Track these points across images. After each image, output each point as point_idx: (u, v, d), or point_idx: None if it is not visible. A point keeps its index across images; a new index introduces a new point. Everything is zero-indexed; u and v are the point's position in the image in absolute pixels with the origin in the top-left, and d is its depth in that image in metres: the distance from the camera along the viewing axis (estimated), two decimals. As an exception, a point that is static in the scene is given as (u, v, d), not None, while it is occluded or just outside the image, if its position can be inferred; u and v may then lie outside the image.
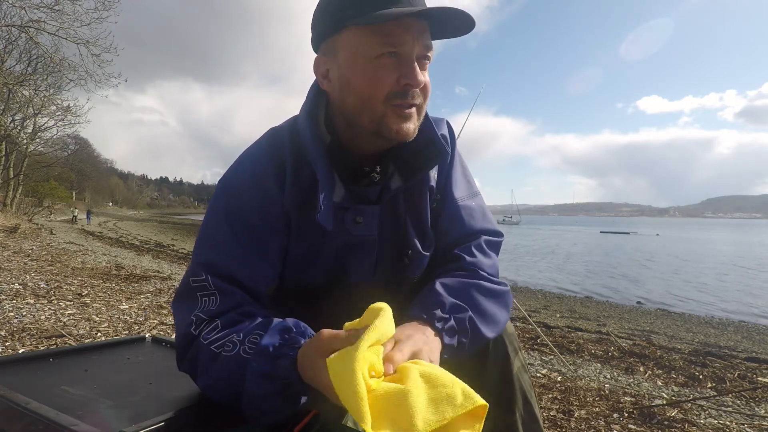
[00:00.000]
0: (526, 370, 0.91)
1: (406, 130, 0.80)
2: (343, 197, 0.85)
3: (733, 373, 3.37)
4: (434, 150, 0.88)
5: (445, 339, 0.76)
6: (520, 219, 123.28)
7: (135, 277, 5.29)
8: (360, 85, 0.79)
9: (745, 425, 2.11)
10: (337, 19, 0.79)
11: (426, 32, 0.78)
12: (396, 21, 0.74)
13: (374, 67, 0.77)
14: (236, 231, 0.80)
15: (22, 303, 3.21)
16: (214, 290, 0.76)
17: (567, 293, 11.91)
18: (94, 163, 70.54)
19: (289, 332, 0.70)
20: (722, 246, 36.94)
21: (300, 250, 0.86)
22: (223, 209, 0.82)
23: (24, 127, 20.40)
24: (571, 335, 4.89)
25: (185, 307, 0.77)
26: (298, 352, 0.67)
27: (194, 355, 0.74)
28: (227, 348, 0.70)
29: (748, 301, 11.59)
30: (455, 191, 0.96)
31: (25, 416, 0.66)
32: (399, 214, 0.91)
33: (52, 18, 10.99)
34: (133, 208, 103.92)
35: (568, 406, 2.10)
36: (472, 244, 0.93)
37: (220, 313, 0.75)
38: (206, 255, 0.80)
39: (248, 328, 0.72)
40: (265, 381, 0.67)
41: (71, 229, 20.19)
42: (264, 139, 0.89)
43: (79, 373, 0.89)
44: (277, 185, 0.83)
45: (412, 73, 0.76)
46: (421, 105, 0.82)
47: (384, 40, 0.75)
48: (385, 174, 0.88)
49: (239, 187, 0.83)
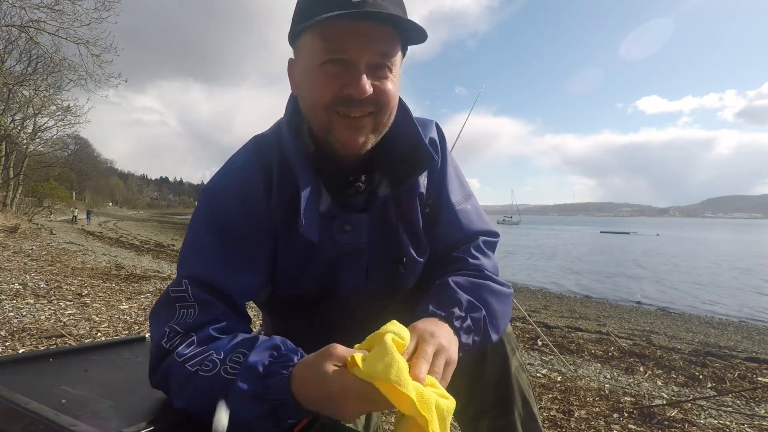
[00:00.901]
0: (525, 370, 0.91)
1: (354, 141, 0.77)
2: (330, 206, 0.83)
3: (733, 373, 3.37)
4: (420, 157, 0.85)
5: (462, 338, 0.75)
6: (520, 219, 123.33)
7: (135, 277, 5.29)
8: (307, 93, 0.78)
9: (745, 425, 2.11)
10: (295, 23, 0.78)
11: (383, 39, 0.74)
12: (341, 26, 0.71)
13: (318, 74, 0.74)
14: (221, 240, 0.78)
15: (22, 303, 3.21)
16: (194, 302, 0.73)
17: (567, 293, 11.91)
18: (94, 163, 70.62)
19: (278, 350, 0.66)
20: (722, 246, 36.95)
21: (289, 261, 0.85)
22: (207, 218, 0.80)
23: (24, 127, 20.45)
24: (571, 335, 4.89)
25: (161, 318, 0.73)
26: (291, 370, 0.62)
27: (167, 371, 0.69)
28: (206, 367, 0.65)
29: (748, 300, 11.59)
30: (451, 196, 0.95)
31: (25, 416, 0.66)
32: (390, 222, 0.89)
33: (52, 18, 11.00)
34: (133, 208, 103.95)
35: (568, 406, 2.10)
36: (471, 245, 0.93)
37: (196, 326, 0.71)
38: (189, 265, 0.77)
39: (229, 345, 0.67)
40: (254, 402, 0.61)
41: (71, 229, 20.19)
42: (249, 147, 0.87)
43: (79, 373, 0.89)
44: (263, 195, 0.81)
45: (355, 83, 0.72)
46: (378, 115, 0.78)
47: (327, 46, 0.73)
48: (371, 182, 0.86)
49: (224, 197, 0.81)
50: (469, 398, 0.86)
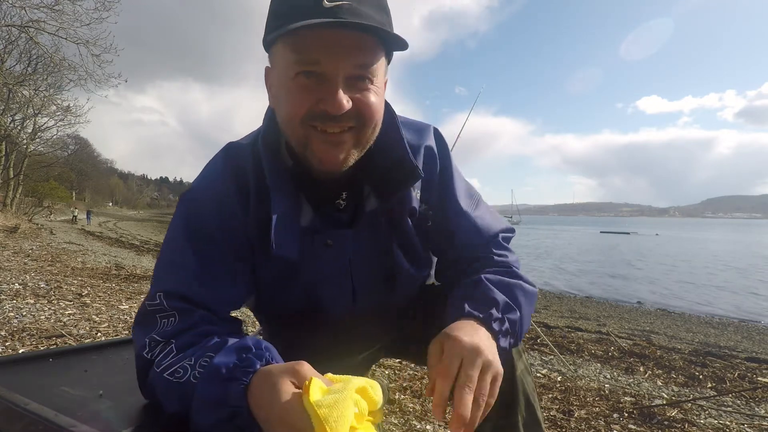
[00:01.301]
0: (530, 372, 0.89)
1: (333, 158, 0.71)
2: (312, 219, 0.79)
3: (733, 373, 3.37)
4: (404, 172, 0.79)
5: (500, 342, 0.72)
6: (521, 219, 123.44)
7: (135, 277, 5.29)
8: (282, 107, 0.72)
9: (745, 425, 2.11)
10: (267, 29, 0.71)
11: (360, 48, 0.67)
12: (313, 37, 0.65)
13: (292, 87, 0.68)
14: (195, 255, 0.74)
15: (22, 303, 3.21)
16: (172, 311, 0.70)
17: (567, 293, 11.91)
18: (94, 163, 70.65)
19: (247, 351, 0.61)
20: (722, 246, 36.92)
21: (268, 276, 0.81)
22: (182, 230, 0.76)
23: (24, 127, 20.46)
24: (571, 335, 4.88)
25: (142, 329, 0.72)
26: (251, 377, 0.58)
27: (151, 383, 0.68)
28: (178, 374, 0.63)
29: (747, 300, 11.59)
30: (462, 204, 0.90)
31: (25, 417, 0.66)
32: (380, 237, 0.84)
33: (52, 18, 11.00)
34: (133, 208, 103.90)
35: (568, 406, 2.10)
36: (492, 245, 0.89)
37: (177, 333, 0.69)
38: (164, 279, 0.74)
39: (201, 350, 0.64)
40: (212, 407, 0.58)
41: (71, 229, 20.18)
42: (224, 157, 0.81)
43: (79, 373, 0.89)
44: (238, 207, 0.77)
45: (330, 98, 0.66)
46: (360, 130, 0.71)
47: (299, 58, 0.66)
48: (359, 195, 0.81)
49: (200, 208, 0.77)
50: None
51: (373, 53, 0.69)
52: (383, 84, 0.75)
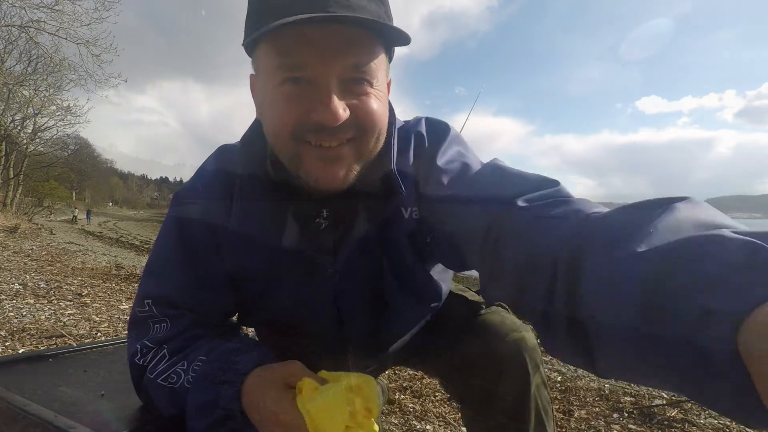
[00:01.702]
0: (546, 386, 0.83)
1: (331, 176, 0.60)
2: (297, 239, 0.70)
3: (733, 373, 3.37)
4: (389, 188, 0.67)
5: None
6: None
7: (135, 277, 5.28)
8: (268, 119, 0.63)
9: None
10: (247, 30, 0.62)
11: (353, 46, 0.57)
12: (296, 36, 0.55)
13: (278, 96, 0.59)
14: (185, 262, 0.72)
15: (22, 303, 3.21)
16: (164, 317, 0.70)
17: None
18: (94, 163, 70.66)
19: (239, 353, 0.61)
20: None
21: (248, 291, 0.77)
22: (172, 239, 0.74)
23: (24, 127, 20.51)
24: (571, 335, 4.88)
25: (134, 335, 0.71)
26: (244, 378, 0.58)
27: (146, 389, 0.68)
28: (171, 380, 0.63)
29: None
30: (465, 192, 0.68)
31: (24, 418, 0.66)
32: (371, 261, 0.73)
33: (52, 18, 11.05)
34: (133, 208, 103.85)
35: (568, 406, 2.10)
36: (572, 213, 0.53)
37: (168, 338, 0.68)
38: (152, 285, 0.73)
39: (193, 354, 0.64)
40: (205, 410, 0.58)
41: (71, 229, 20.18)
42: (215, 160, 0.78)
43: (79, 373, 0.89)
44: (225, 213, 0.72)
45: (323, 108, 0.56)
46: (361, 141, 0.61)
47: (283, 62, 0.57)
48: (348, 214, 0.70)
49: (189, 216, 0.74)
50: (482, 413, 0.81)
51: (369, 51, 0.59)
52: (386, 85, 0.65)
